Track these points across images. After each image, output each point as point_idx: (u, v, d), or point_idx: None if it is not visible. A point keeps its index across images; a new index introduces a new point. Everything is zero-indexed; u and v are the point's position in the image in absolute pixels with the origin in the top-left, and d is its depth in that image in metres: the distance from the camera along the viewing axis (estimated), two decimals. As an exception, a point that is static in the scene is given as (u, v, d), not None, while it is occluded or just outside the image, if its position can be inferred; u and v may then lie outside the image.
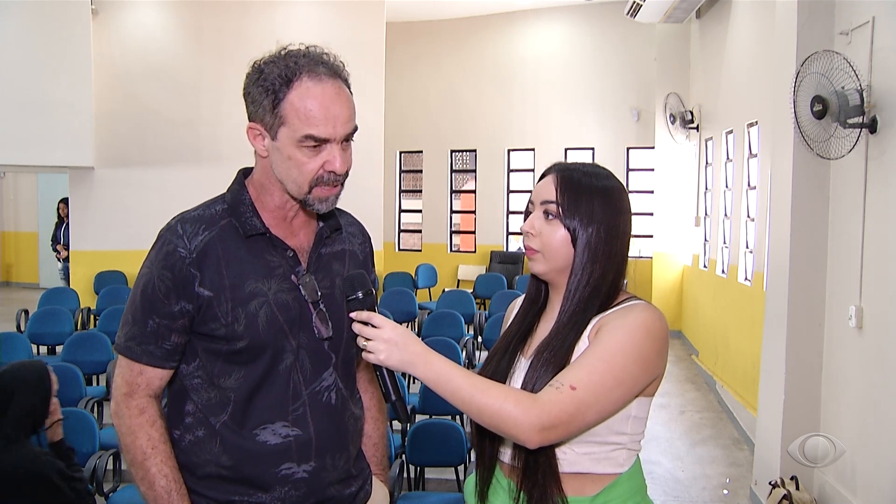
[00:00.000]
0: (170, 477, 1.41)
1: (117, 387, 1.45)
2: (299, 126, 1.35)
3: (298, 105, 1.35)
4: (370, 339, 1.30)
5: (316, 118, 1.35)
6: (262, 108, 1.38)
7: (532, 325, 1.48)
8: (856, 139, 3.38)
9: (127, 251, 7.85)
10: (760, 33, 5.80)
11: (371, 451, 1.68)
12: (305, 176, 1.38)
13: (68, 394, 4.41)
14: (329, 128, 1.36)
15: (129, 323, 1.44)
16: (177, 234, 1.42)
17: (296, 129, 1.35)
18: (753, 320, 5.35)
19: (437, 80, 10.81)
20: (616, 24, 9.49)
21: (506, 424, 1.25)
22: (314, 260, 1.50)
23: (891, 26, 3.31)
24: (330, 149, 1.38)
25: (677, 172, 8.73)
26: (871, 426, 3.43)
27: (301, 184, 1.39)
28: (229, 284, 1.41)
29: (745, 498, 4.49)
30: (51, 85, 7.29)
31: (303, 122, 1.35)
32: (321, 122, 1.35)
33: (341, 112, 1.37)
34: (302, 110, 1.35)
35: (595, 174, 1.41)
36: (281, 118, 1.36)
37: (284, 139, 1.37)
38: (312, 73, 1.37)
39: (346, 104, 1.39)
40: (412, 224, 11.67)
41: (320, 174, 1.39)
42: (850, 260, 3.62)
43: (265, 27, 8.30)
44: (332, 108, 1.36)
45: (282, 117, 1.36)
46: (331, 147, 1.38)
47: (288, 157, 1.38)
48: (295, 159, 1.37)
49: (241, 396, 1.43)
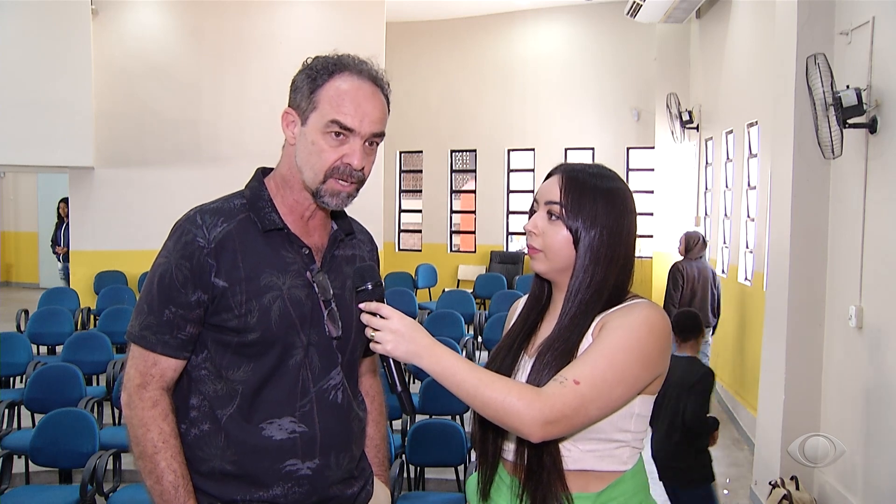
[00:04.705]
0: (178, 473, 1.41)
1: (130, 378, 1.44)
2: (328, 111, 1.40)
3: (333, 93, 1.41)
4: (378, 330, 1.31)
5: (346, 107, 1.40)
6: (301, 94, 1.44)
7: (535, 324, 1.48)
8: (856, 139, 3.38)
9: (127, 251, 7.86)
10: (760, 33, 5.80)
11: (372, 453, 1.68)
12: (323, 163, 1.41)
13: (68, 394, 4.41)
14: (356, 120, 1.40)
15: (144, 312, 1.44)
16: (196, 225, 1.43)
17: (325, 113, 1.40)
18: (753, 320, 5.35)
19: (437, 80, 10.81)
20: (616, 24, 9.50)
21: (509, 417, 1.25)
22: (328, 260, 1.52)
23: (891, 26, 3.31)
24: (353, 143, 1.41)
25: (677, 172, 8.74)
26: (871, 426, 3.43)
27: (318, 171, 1.42)
28: (245, 276, 1.42)
29: (745, 498, 4.49)
30: (51, 85, 7.29)
31: (333, 107, 1.40)
32: (350, 112, 1.40)
33: (372, 111, 1.42)
34: (335, 98, 1.40)
35: (600, 175, 1.41)
36: (314, 103, 1.42)
37: (312, 124, 1.42)
38: (355, 70, 1.43)
39: (378, 106, 1.44)
40: (412, 224, 11.67)
41: (337, 164, 1.41)
42: (850, 260, 3.62)
43: (265, 27, 8.31)
44: (364, 103, 1.41)
45: (315, 102, 1.41)
46: (354, 141, 1.41)
47: (312, 143, 1.42)
48: (317, 145, 1.41)
49: (249, 389, 1.44)
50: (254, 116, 7.92)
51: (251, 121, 7.93)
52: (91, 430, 3.66)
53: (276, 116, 1.49)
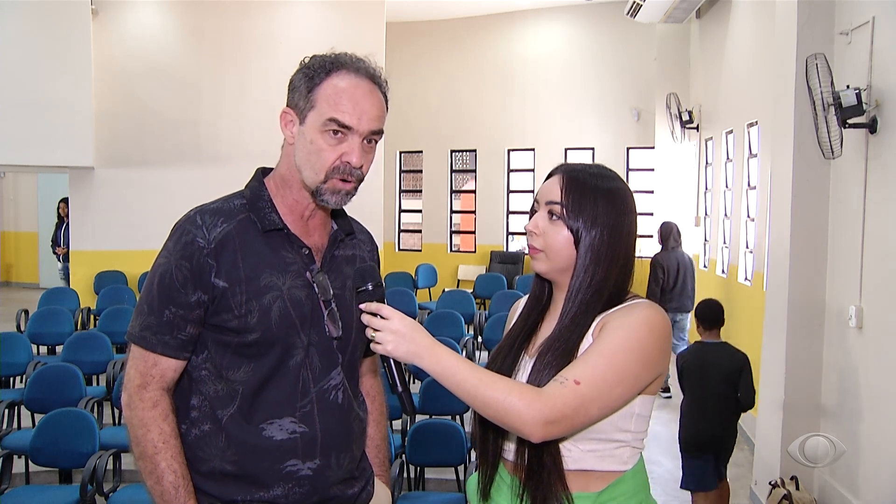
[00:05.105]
0: (178, 473, 1.41)
1: (130, 378, 1.44)
2: (326, 109, 1.40)
3: (330, 91, 1.41)
4: (378, 330, 1.31)
5: (344, 105, 1.40)
6: (299, 93, 1.43)
7: (536, 324, 1.48)
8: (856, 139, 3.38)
9: (127, 251, 7.86)
10: (760, 33, 5.80)
11: (373, 453, 1.68)
12: (323, 163, 1.41)
13: (68, 394, 4.41)
14: (354, 118, 1.40)
15: (144, 313, 1.44)
16: (196, 225, 1.43)
17: (323, 112, 1.40)
18: (753, 320, 5.35)
19: (437, 80, 10.82)
20: (616, 24, 9.50)
21: (510, 417, 1.26)
22: (328, 260, 1.52)
23: (891, 26, 3.32)
24: (351, 140, 1.41)
25: (677, 172, 8.74)
26: (871, 426, 3.43)
27: (318, 171, 1.42)
28: (245, 277, 1.42)
29: (745, 498, 4.49)
30: (51, 85, 7.29)
31: (331, 106, 1.40)
32: (348, 110, 1.40)
33: (370, 108, 1.42)
34: (333, 96, 1.40)
35: (601, 176, 1.41)
36: (312, 102, 1.41)
37: (311, 123, 1.42)
38: (352, 68, 1.43)
39: (376, 103, 1.44)
40: (412, 224, 11.67)
41: (337, 164, 1.41)
42: (850, 260, 3.63)
43: (265, 27, 8.31)
44: (361, 101, 1.41)
45: (313, 101, 1.41)
46: (352, 139, 1.41)
47: (310, 142, 1.42)
48: (316, 144, 1.41)
49: (250, 390, 1.44)
50: (254, 116, 7.92)
51: (251, 121, 7.93)
52: (91, 430, 3.66)
53: (276, 116, 1.48)
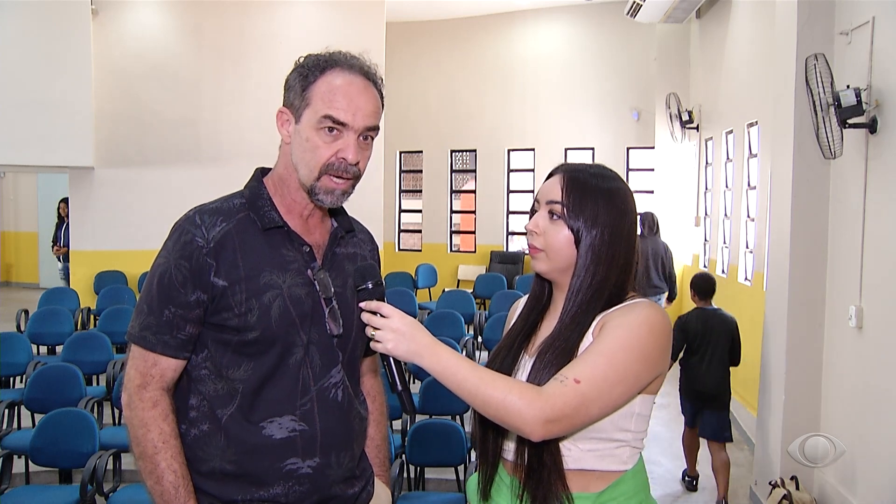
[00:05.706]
0: (178, 473, 1.41)
1: (130, 378, 1.44)
2: (321, 107, 1.40)
3: (325, 89, 1.42)
4: (378, 329, 1.31)
5: (338, 102, 1.40)
6: (294, 92, 1.44)
7: (536, 324, 1.48)
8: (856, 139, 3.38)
9: (127, 251, 7.85)
10: (760, 33, 5.80)
11: (374, 453, 1.68)
12: (318, 160, 1.41)
13: (68, 394, 4.41)
14: (349, 114, 1.40)
15: (143, 312, 1.44)
16: (195, 224, 1.43)
17: (318, 109, 1.41)
18: (753, 320, 5.35)
19: (437, 80, 10.81)
20: (616, 24, 9.50)
21: (510, 416, 1.25)
22: (329, 258, 1.52)
23: (891, 26, 3.32)
24: (347, 138, 1.41)
25: (677, 172, 8.74)
26: (871, 426, 3.43)
27: (313, 168, 1.42)
28: (244, 275, 1.42)
29: (745, 498, 4.49)
30: (51, 85, 7.29)
31: (325, 103, 1.41)
32: (343, 106, 1.40)
33: (365, 105, 1.42)
34: (327, 93, 1.41)
35: (602, 176, 1.41)
36: (307, 100, 1.42)
37: (306, 121, 1.42)
38: (346, 65, 1.44)
39: (371, 100, 1.44)
40: (412, 224, 11.67)
41: (332, 161, 1.41)
42: (850, 260, 3.63)
43: (265, 27, 8.31)
44: (356, 98, 1.42)
45: (308, 99, 1.42)
46: (348, 136, 1.41)
47: (306, 139, 1.42)
48: (312, 142, 1.41)
49: (250, 388, 1.44)
50: (254, 116, 7.92)
51: (251, 121, 7.92)
52: (91, 430, 3.66)
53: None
